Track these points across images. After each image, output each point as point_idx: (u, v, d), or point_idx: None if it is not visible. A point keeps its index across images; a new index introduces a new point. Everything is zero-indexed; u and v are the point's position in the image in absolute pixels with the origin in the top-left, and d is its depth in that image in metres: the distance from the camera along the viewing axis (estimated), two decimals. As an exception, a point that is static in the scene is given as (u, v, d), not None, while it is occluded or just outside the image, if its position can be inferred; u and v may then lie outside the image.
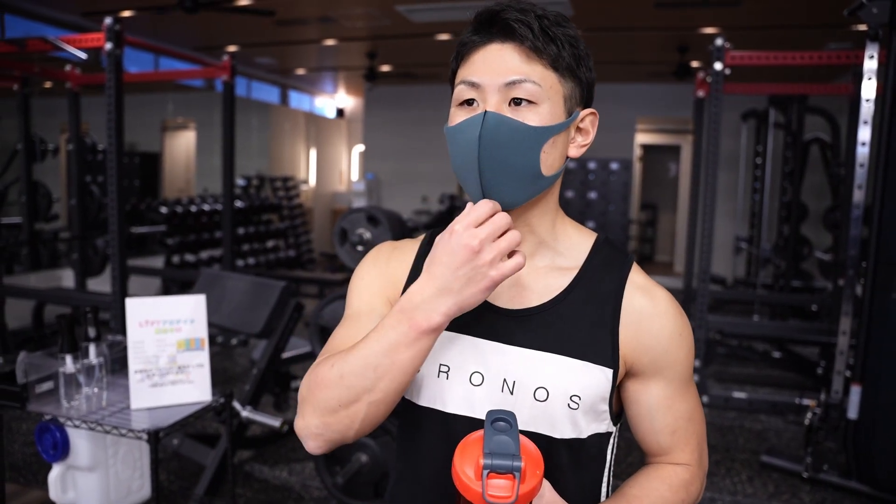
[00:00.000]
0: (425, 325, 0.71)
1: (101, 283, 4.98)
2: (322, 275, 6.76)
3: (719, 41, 3.69)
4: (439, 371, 0.83)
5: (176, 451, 2.77)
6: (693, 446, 0.87)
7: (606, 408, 0.83)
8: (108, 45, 3.68)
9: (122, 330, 3.42)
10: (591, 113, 0.84)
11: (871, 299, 2.81)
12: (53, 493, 1.76)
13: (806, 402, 3.25)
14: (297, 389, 3.21)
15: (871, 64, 2.90)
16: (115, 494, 1.79)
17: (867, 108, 2.93)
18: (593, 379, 0.80)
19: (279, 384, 3.14)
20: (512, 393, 0.80)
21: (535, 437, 0.79)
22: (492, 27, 0.78)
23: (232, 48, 7.18)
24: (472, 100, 0.78)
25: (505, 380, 0.81)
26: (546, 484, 0.74)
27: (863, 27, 2.92)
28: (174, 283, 5.75)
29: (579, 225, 0.91)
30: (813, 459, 2.97)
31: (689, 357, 0.85)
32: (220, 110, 4.76)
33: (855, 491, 2.88)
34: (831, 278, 5.01)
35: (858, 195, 2.97)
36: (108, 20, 3.67)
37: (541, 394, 0.80)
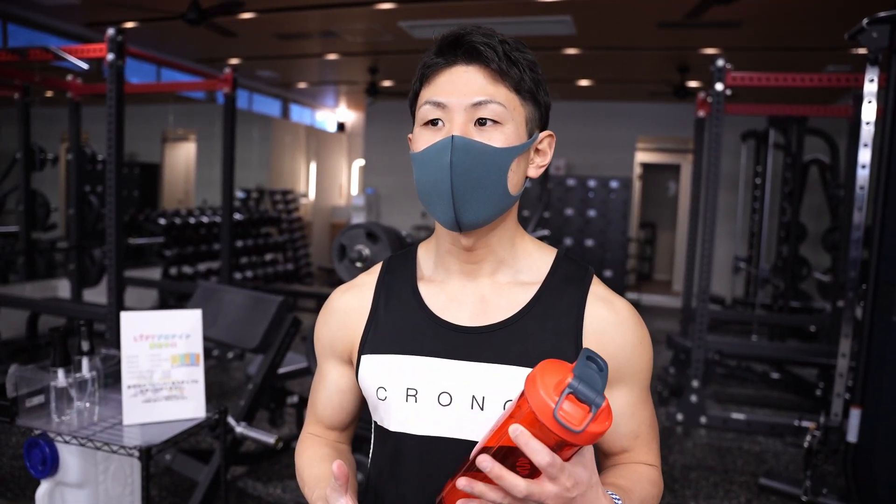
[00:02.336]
0: None
1: (97, 295, 4.95)
2: (320, 289, 6.73)
3: (720, 62, 3.70)
4: (407, 395, 0.85)
5: (168, 466, 2.74)
6: (654, 449, 0.90)
7: None
8: (110, 56, 3.69)
9: (117, 343, 3.39)
10: (549, 135, 0.87)
11: (871, 321, 2.79)
12: (42, 510, 1.72)
13: (805, 423, 3.22)
14: (293, 405, 3.18)
15: (871, 87, 2.91)
16: (104, 511, 1.76)
17: (867, 131, 2.93)
18: None
19: (275, 399, 3.10)
20: (482, 408, 0.82)
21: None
22: (457, 49, 0.80)
23: (234, 61, 7.21)
24: (437, 120, 0.80)
25: (474, 396, 0.82)
26: (591, 449, 0.71)
27: (863, 51, 2.93)
28: (171, 296, 5.72)
29: (538, 241, 0.94)
30: (812, 483, 2.94)
31: (649, 365, 0.88)
32: (220, 122, 4.77)
33: (855, 516, 2.84)
34: (830, 299, 5.00)
35: (858, 217, 2.97)
36: (110, 31, 3.68)
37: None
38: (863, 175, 2.93)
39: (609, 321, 0.85)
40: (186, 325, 1.71)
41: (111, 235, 3.71)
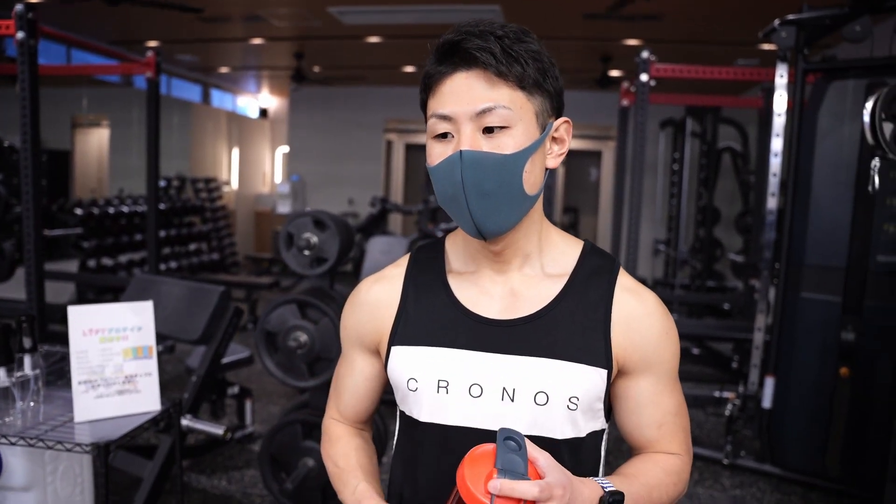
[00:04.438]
0: None
1: (8, 290, 4.65)
2: (249, 278, 6.58)
3: (645, 54, 3.87)
4: (438, 387, 0.86)
5: (109, 463, 2.64)
6: (680, 439, 0.91)
7: (601, 406, 0.88)
8: (20, 35, 3.45)
9: (42, 339, 3.22)
10: (565, 121, 0.87)
11: (783, 298, 3.04)
12: (-17, 516, 1.65)
13: (725, 394, 3.47)
14: (233, 396, 3.13)
15: (781, 81, 3.14)
16: (53, 513, 1.70)
17: (779, 122, 3.17)
18: (590, 380, 0.84)
19: (216, 391, 3.05)
20: (513, 400, 0.84)
21: (537, 439, 0.82)
22: (454, 57, 0.79)
23: (152, 43, 6.88)
24: (446, 133, 0.80)
25: (504, 388, 0.84)
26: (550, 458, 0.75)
27: (770, 47, 3.15)
28: (91, 289, 5.45)
29: (564, 233, 0.95)
30: (732, 447, 3.18)
31: (676, 355, 0.90)
32: (136, 107, 4.59)
33: (768, 474, 3.11)
34: (742, 278, 5.36)
35: (771, 202, 3.20)
36: (19, 6, 3.44)
37: (541, 398, 0.83)
38: (775, 163, 3.17)
39: (637, 312, 0.87)
40: (138, 317, 1.67)
41: (29, 227, 3.50)
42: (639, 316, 0.87)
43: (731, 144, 6.30)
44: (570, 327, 0.85)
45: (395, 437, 0.97)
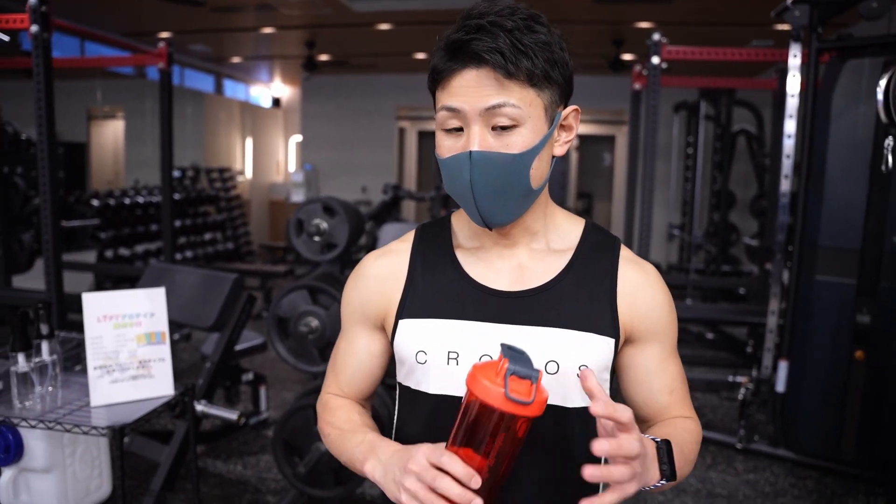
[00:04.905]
0: (366, 471, 0.84)
1: (28, 280, 4.74)
2: (263, 267, 6.64)
3: (656, 36, 3.83)
4: (448, 358, 0.87)
5: (127, 449, 2.70)
6: (688, 404, 0.95)
7: (608, 377, 0.90)
8: (34, 28, 3.49)
9: (61, 327, 3.28)
10: (574, 109, 0.87)
11: (797, 281, 3.01)
12: (5, 498, 1.69)
13: (739, 379, 3.46)
14: (248, 382, 3.18)
15: (794, 62, 3.09)
16: (72, 495, 1.74)
17: (792, 103, 3.13)
18: (598, 349, 0.87)
19: (230, 377, 3.09)
20: None
21: (548, 408, 0.81)
22: (463, 55, 0.79)
23: (164, 34, 6.92)
24: (457, 126, 0.81)
25: None
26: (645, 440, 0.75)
27: (785, 27, 3.11)
28: (108, 279, 5.53)
29: (567, 212, 0.97)
30: (745, 431, 3.18)
31: (675, 323, 0.94)
32: (150, 98, 4.62)
33: (782, 458, 3.10)
34: (758, 262, 5.31)
35: (785, 184, 3.17)
36: (32, 0, 3.48)
37: (551, 367, 0.85)
38: (788, 144, 3.13)
39: (641, 283, 0.90)
40: (150, 304, 1.69)
41: (46, 218, 3.55)
42: (643, 286, 0.90)
43: (746, 127, 6.22)
44: (578, 298, 0.88)
45: (396, 416, 0.97)
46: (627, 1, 5.08)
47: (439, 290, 0.90)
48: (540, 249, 0.91)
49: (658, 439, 0.80)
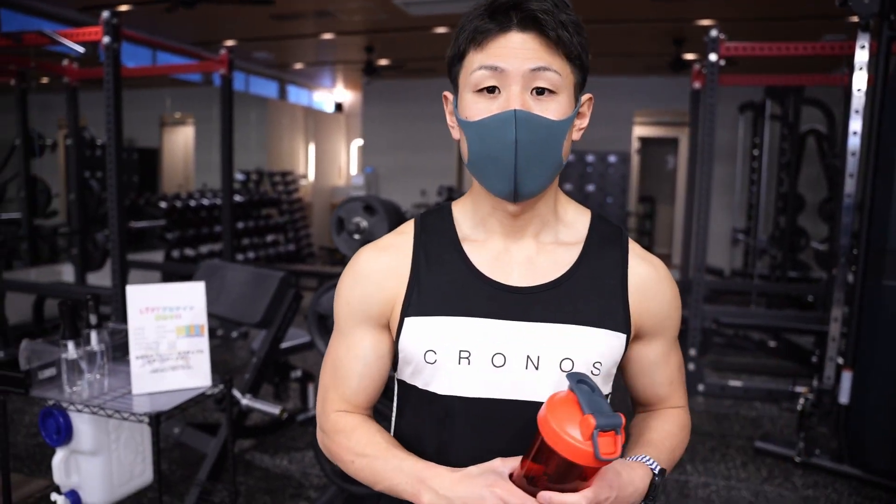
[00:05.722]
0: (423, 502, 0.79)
1: (100, 278, 5.01)
2: (321, 268, 6.79)
3: (714, 32, 3.71)
4: (460, 358, 0.83)
5: (178, 439, 2.81)
6: (683, 392, 0.97)
7: (615, 371, 0.90)
8: (106, 39, 3.70)
9: (123, 322, 3.45)
10: (589, 98, 0.87)
11: (863, 287, 2.84)
12: (57, 477, 1.79)
13: (800, 389, 3.29)
14: (296, 379, 3.25)
15: (862, 54, 2.93)
16: (117, 478, 1.82)
17: (858, 99, 2.96)
18: (611, 345, 0.85)
19: (278, 374, 3.17)
20: (537, 368, 0.83)
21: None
22: (512, 15, 0.78)
23: (230, 43, 7.20)
24: (494, 87, 0.79)
25: (528, 356, 0.83)
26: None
27: (856, 18, 2.94)
28: (174, 277, 5.77)
29: (573, 201, 0.95)
30: (805, 444, 3.01)
31: (680, 315, 0.94)
32: (218, 105, 4.78)
33: (846, 475, 2.92)
34: (827, 269, 5.04)
35: (850, 184, 3.00)
36: (105, 14, 3.70)
37: (566, 364, 0.83)
38: (854, 143, 2.97)
39: (651, 278, 0.89)
40: (190, 297, 1.76)
41: (114, 218, 3.75)
42: (653, 282, 0.89)
43: (816, 127, 5.92)
44: (590, 293, 0.86)
45: (395, 412, 0.94)
46: (687, -3, 4.94)
47: (447, 285, 0.86)
48: (548, 242, 0.88)
49: (656, 470, 0.83)
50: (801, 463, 3.01)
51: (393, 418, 0.95)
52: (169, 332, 1.72)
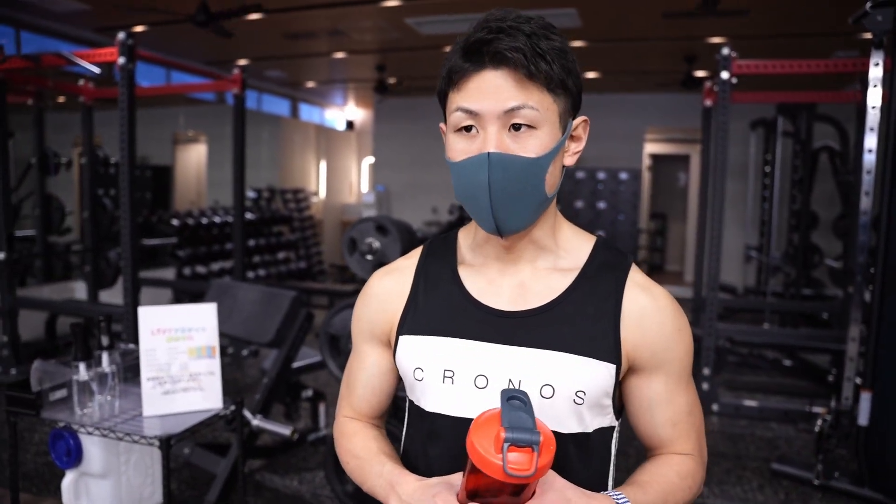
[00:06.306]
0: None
1: (113, 295, 5.03)
2: (332, 286, 6.79)
3: (725, 50, 3.70)
4: (444, 377, 0.86)
5: (187, 460, 2.80)
6: (694, 439, 0.89)
7: (610, 402, 0.86)
8: (121, 60, 3.75)
9: (134, 340, 3.46)
10: (584, 120, 0.87)
11: (880, 304, 2.80)
12: (66, 500, 1.78)
13: (817, 409, 3.23)
14: (307, 399, 3.23)
15: (876, 71, 2.91)
16: (127, 501, 1.81)
17: (873, 116, 2.94)
18: (597, 374, 0.83)
19: (290, 394, 3.16)
20: None
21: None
22: (483, 55, 0.78)
23: (242, 62, 7.28)
24: (471, 126, 0.80)
25: (510, 380, 0.83)
26: (552, 472, 0.76)
27: (869, 35, 2.93)
28: (185, 295, 5.79)
29: (577, 227, 0.94)
30: (824, 467, 2.95)
31: (689, 353, 0.88)
32: (230, 123, 4.82)
33: (868, 499, 2.85)
34: (842, 286, 4.98)
35: (866, 202, 2.97)
36: (121, 35, 3.75)
37: (546, 391, 0.82)
38: (869, 160, 2.94)
39: (648, 308, 0.85)
40: (202, 318, 1.76)
41: (126, 237, 3.77)
42: (650, 312, 0.85)
43: (829, 143, 5.88)
44: (579, 321, 0.84)
45: (405, 427, 0.97)
46: (698, 15, 4.93)
47: (439, 307, 0.89)
48: (544, 268, 0.88)
49: (622, 502, 0.78)
50: (820, 486, 2.94)
51: (403, 435, 0.98)
52: (181, 354, 1.72)
